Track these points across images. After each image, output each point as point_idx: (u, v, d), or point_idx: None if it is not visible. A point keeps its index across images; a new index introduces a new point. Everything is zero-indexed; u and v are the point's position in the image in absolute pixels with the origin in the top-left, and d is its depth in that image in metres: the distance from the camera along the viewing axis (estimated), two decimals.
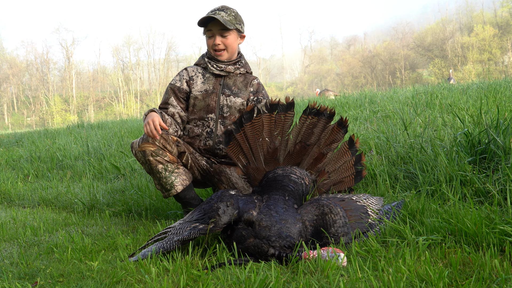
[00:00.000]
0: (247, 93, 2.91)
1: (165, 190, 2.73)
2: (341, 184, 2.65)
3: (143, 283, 1.80)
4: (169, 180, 2.70)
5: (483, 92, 6.08)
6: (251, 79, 2.96)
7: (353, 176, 2.67)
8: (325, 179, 2.59)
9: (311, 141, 2.52)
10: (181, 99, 2.89)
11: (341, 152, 2.65)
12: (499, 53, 44.79)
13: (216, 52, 2.85)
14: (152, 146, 2.65)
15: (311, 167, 2.56)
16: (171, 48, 59.39)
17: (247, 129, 2.47)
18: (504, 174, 2.39)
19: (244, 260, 1.98)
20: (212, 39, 2.84)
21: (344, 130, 2.57)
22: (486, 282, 1.59)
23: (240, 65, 2.94)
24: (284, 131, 2.51)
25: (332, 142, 2.56)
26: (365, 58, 53.65)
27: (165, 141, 2.69)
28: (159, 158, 2.67)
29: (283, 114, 2.49)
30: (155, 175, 2.71)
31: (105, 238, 2.65)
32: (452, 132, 3.37)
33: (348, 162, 2.65)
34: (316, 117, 2.51)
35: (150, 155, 2.66)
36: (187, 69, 2.94)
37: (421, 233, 2.07)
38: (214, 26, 2.82)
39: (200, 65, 2.94)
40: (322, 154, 2.55)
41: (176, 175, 2.71)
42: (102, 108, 53.68)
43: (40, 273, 2.03)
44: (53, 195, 4.22)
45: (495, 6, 52.24)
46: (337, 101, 7.88)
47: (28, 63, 55.93)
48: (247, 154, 2.50)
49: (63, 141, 7.69)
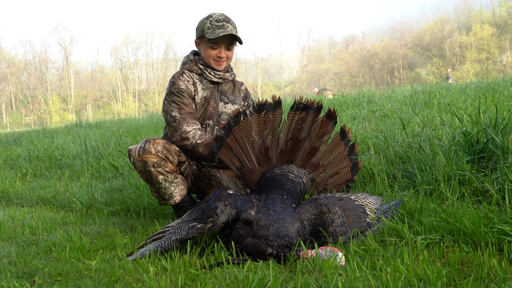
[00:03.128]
0: (240, 99, 2.96)
1: (163, 199, 2.70)
2: (338, 176, 2.64)
3: (141, 282, 1.80)
4: (168, 191, 2.67)
5: (482, 91, 6.09)
6: (239, 85, 3.00)
7: (349, 167, 2.67)
8: (321, 172, 2.58)
9: (301, 136, 2.51)
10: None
11: (334, 144, 2.64)
12: (497, 52, 44.84)
13: (217, 61, 2.82)
14: (154, 157, 2.60)
15: (305, 162, 2.55)
16: (169, 47, 59.38)
17: (236, 133, 2.45)
18: (502, 174, 2.40)
19: (242, 260, 1.98)
20: (216, 50, 2.79)
21: (334, 121, 2.54)
22: (484, 282, 1.59)
23: (231, 71, 2.95)
24: (274, 129, 2.50)
25: (323, 135, 2.53)
26: (363, 58, 53.66)
27: (168, 152, 2.64)
28: (161, 169, 2.63)
29: (271, 113, 2.48)
30: (154, 185, 2.67)
31: (103, 237, 2.64)
32: (450, 132, 3.37)
33: (342, 153, 2.64)
34: (304, 112, 2.49)
35: (152, 166, 2.61)
36: (185, 75, 2.83)
37: (419, 232, 2.07)
38: (223, 41, 2.79)
39: (193, 71, 2.86)
40: (314, 148, 2.54)
41: (175, 185, 2.68)
42: (100, 108, 53.61)
43: (38, 272, 2.03)
44: (51, 194, 4.21)
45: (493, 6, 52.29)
46: (336, 100, 7.88)
47: (27, 62, 55.84)
48: (239, 156, 2.49)
49: (61, 140, 7.68)
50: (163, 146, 2.62)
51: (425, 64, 49.41)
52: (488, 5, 53.91)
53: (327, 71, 58.36)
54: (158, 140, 2.63)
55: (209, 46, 2.80)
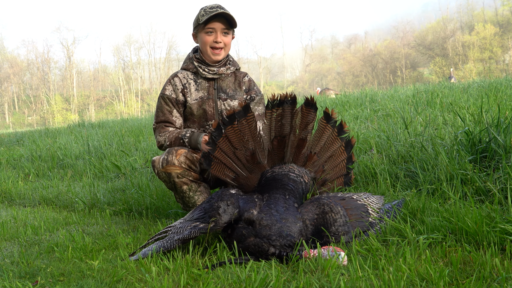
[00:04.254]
0: (242, 93, 2.90)
1: (187, 206, 2.74)
2: (333, 158, 2.62)
3: (143, 282, 1.80)
4: (191, 200, 2.71)
5: (484, 90, 6.08)
6: (241, 76, 2.94)
7: (343, 147, 2.65)
8: (315, 160, 2.56)
9: (285, 131, 2.47)
10: (181, 112, 2.86)
11: (321, 129, 2.59)
12: (500, 51, 44.78)
13: (214, 50, 2.80)
14: (178, 169, 2.63)
15: (296, 155, 2.51)
16: (171, 47, 59.44)
17: (221, 145, 2.44)
18: (504, 173, 2.39)
19: (245, 259, 1.98)
20: (212, 35, 2.78)
21: (314, 108, 2.50)
22: (486, 281, 1.59)
23: (230, 64, 2.90)
24: (253, 133, 2.47)
25: (306, 125, 2.49)
26: (366, 57, 53.63)
27: (190, 162, 2.67)
28: (185, 180, 2.66)
29: (243, 120, 2.45)
30: (179, 194, 2.71)
31: (105, 237, 2.65)
32: (453, 131, 3.36)
33: (331, 136, 2.61)
34: (280, 107, 2.47)
35: (176, 177, 2.65)
36: (178, 76, 2.86)
37: (421, 232, 2.07)
38: (218, 24, 2.78)
39: (189, 69, 2.87)
40: (302, 140, 2.50)
41: (199, 194, 2.71)
42: (103, 107, 53.72)
43: (40, 272, 2.03)
44: (53, 194, 4.22)
45: (496, 5, 52.20)
46: (338, 100, 7.88)
47: (29, 62, 55.98)
48: (231, 167, 2.47)
49: (64, 140, 7.70)
50: (185, 157, 2.65)
51: (428, 63, 49.35)
52: (491, 4, 53.82)
53: (330, 70, 58.34)
54: (180, 151, 2.66)
55: (204, 33, 2.79)
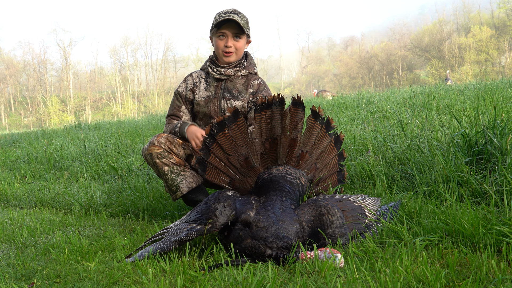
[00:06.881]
0: (247, 95, 2.92)
1: (172, 192, 2.78)
2: (325, 155, 2.64)
3: (140, 284, 1.80)
4: (174, 182, 2.75)
5: (480, 93, 6.10)
6: (252, 80, 2.96)
7: (332, 143, 2.68)
8: (307, 159, 2.57)
9: (276, 133, 2.48)
10: (189, 108, 2.99)
11: (310, 127, 2.61)
12: (496, 54, 44.90)
13: (225, 53, 2.88)
14: (157, 149, 2.73)
15: (289, 156, 2.52)
16: (168, 48, 59.43)
17: (215, 151, 2.46)
18: (501, 175, 2.40)
19: (241, 261, 1.98)
20: (224, 40, 2.87)
21: (302, 107, 2.52)
22: (483, 283, 1.59)
23: (241, 67, 2.94)
24: (244, 138, 2.48)
25: (296, 124, 2.50)
26: (363, 59, 53.74)
27: (171, 144, 2.76)
28: (165, 160, 2.73)
29: (234, 125, 2.47)
30: (162, 177, 2.77)
31: (102, 239, 2.64)
32: (449, 133, 3.37)
33: (320, 132, 2.62)
34: (268, 109, 2.49)
35: (156, 157, 2.73)
36: (192, 75, 3.02)
37: (418, 233, 2.07)
38: (229, 29, 2.85)
39: (204, 69, 3.01)
40: (293, 140, 2.51)
41: (182, 177, 2.75)
42: (99, 109, 53.62)
43: (36, 274, 2.03)
44: (50, 195, 4.21)
45: (492, 7, 52.38)
46: (335, 101, 7.89)
47: (25, 64, 55.87)
48: (226, 172, 2.48)
49: (60, 141, 7.68)
50: (166, 138, 2.76)
51: (424, 65, 49.48)
52: (487, 7, 54.03)
53: (326, 72, 58.44)
54: (162, 134, 2.79)
55: (217, 37, 2.90)
